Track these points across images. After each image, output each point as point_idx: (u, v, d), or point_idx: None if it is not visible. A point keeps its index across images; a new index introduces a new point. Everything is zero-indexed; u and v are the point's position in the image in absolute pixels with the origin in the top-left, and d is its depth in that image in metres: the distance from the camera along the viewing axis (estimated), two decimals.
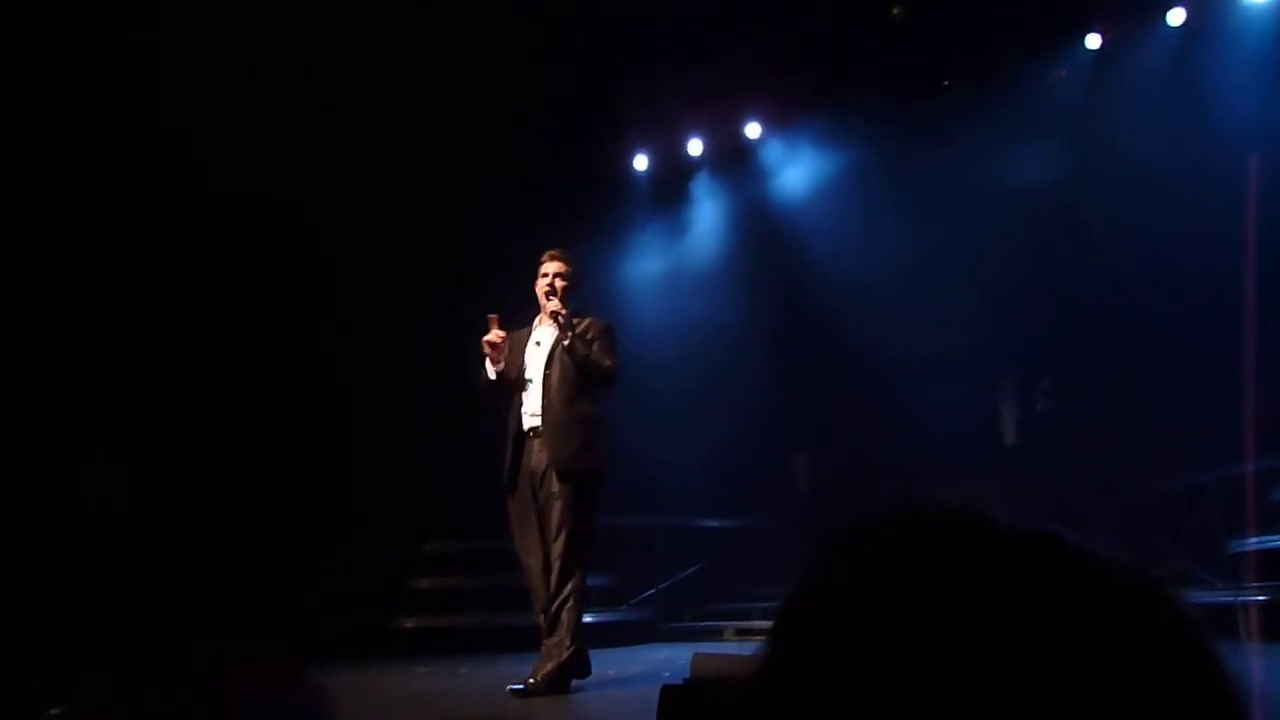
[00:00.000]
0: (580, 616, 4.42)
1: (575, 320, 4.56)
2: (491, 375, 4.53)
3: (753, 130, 10.10)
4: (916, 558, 0.52)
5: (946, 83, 9.53)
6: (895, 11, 9.05)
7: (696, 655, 1.87)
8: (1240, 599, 5.97)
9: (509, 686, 4.46)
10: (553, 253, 4.67)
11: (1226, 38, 8.24)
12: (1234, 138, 7.54)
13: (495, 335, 4.48)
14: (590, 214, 9.46)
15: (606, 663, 4.46)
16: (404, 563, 7.61)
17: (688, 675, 1.90)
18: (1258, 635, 5.72)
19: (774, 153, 10.24)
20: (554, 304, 4.50)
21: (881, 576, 0.53)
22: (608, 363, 4.52)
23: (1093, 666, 0.48)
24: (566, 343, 4.46)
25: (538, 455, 4.47)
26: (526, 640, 7.12)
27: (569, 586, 4.34)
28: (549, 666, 4.28)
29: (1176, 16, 8.51)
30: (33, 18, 6.33)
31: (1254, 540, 6.37)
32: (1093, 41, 8.93)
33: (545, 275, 4.60)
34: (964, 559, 0.51)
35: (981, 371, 9.98)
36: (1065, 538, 0.54)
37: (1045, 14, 8.76)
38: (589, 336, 4.55)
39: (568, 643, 4.31)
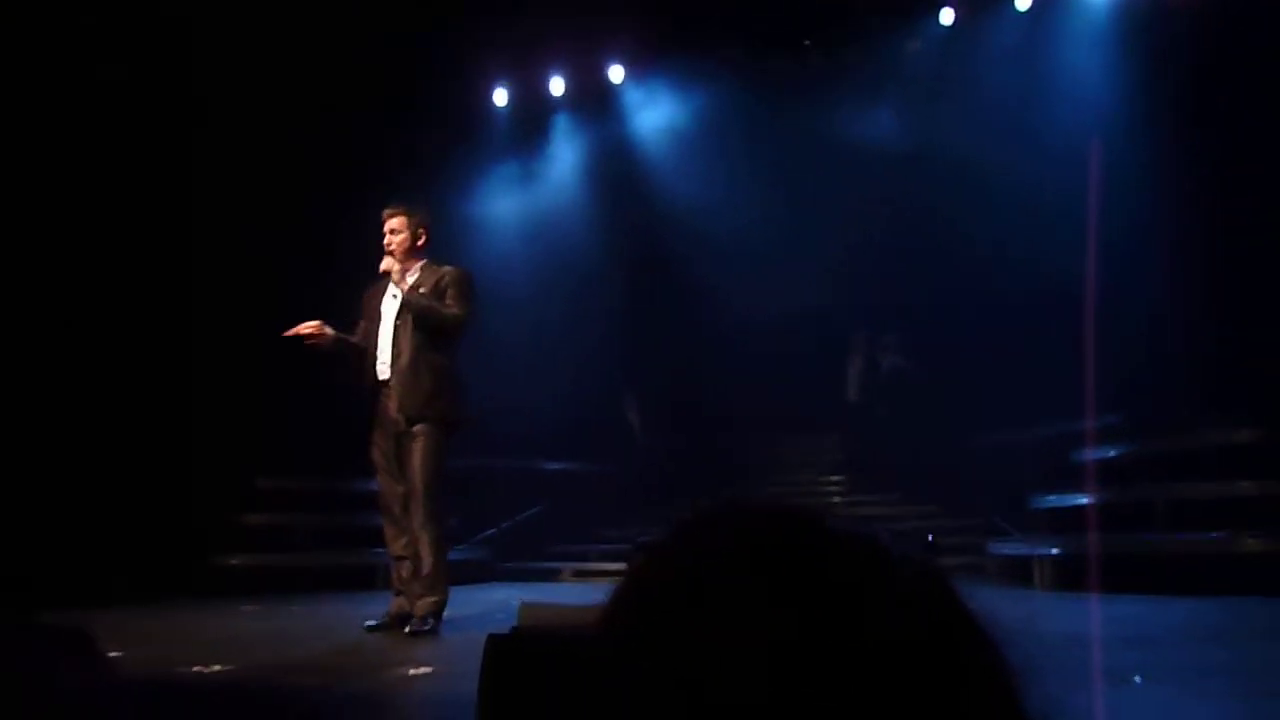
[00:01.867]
0: (446, 558, 4.55)
1: (434, 270, 4.64)
2: (330, 345, 4.65)
3: (615, 73, 10.00)
4: (752, 557, 0.55)
5: (807, 43, 9.69)
6: None
7: (523, 604, 1.88)
8: (1037, 551, 6.48)
9: (366, 623, 4.48)
10: (390, 209, 4.71)
11: (1069, 24, 8.71)
12: (1074, 116, 8.02)
13: (305, 328, 4.58)
14: (448, 149, 9.20)
15: (448, 601, 4.47)
16: (236, 497, 7.33)
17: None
18: (1050, 584, 6.25)
19: (634, 97, 10.19)
20: (385, 263, 4.57)
21: (720, 571, 0.55)
22: (452, 311, 4.55)
23: (878, 662, 0.52)
24: (399, 298, 4.56)
25: (391, 403, 4.54)
26: (358, 579, 7.06)
27: (430, 530, 4.45)
28: (425, 604, 4.38)
29: (1023, 1, 8.92)
30: None
31: (1052, 497, 6.91)
32: (946, 16, 9.26)
33: (387, 232, 4.68)
34: (796, 561, 0.55)
35: (828, 328, 10.36)
36: (878, 539, 0.58)
37: None
38: (442, 285, 4.59)
39: (441, 585, 4.45)
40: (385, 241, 4.63)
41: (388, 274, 4.68)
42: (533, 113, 10.23)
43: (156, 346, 6.96)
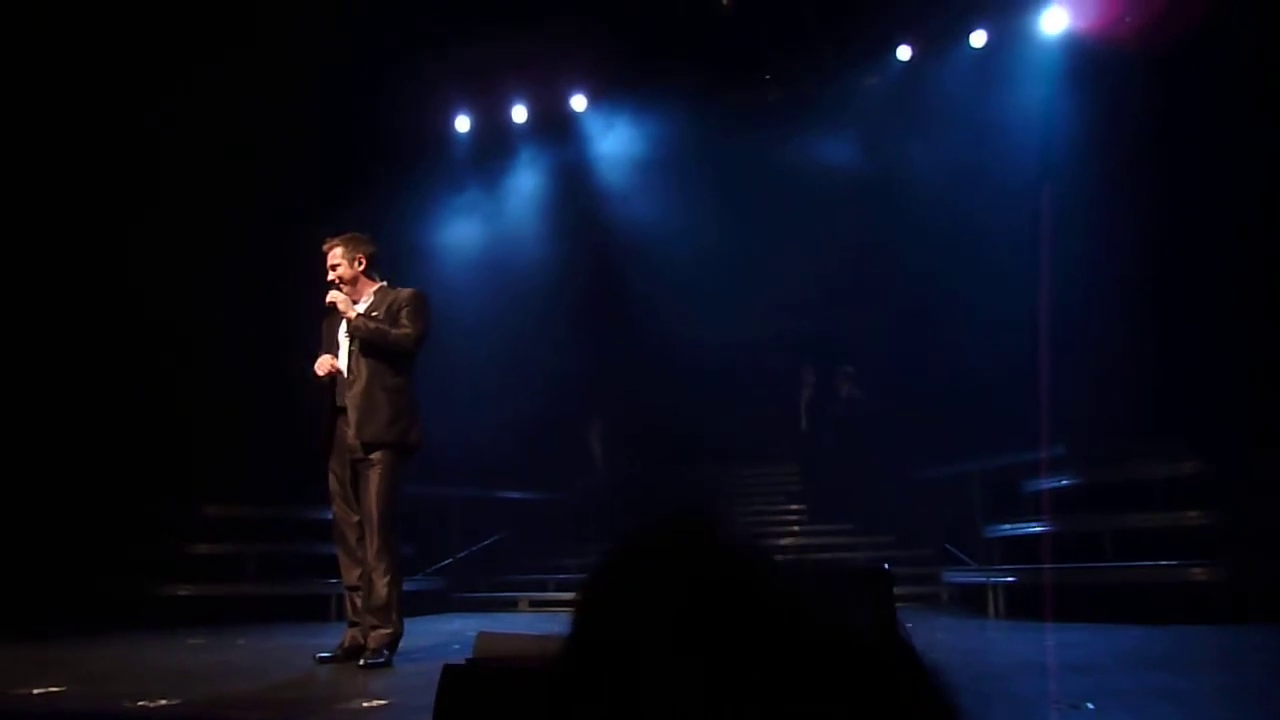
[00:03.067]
0: (400, 589, 4.48)
1: (388, 293, 4.65)
2: (317, 381, 4.66)
3: (577, 102, 10.08)
4: (693, 580, 0.58)
5: (767, 76, 9.84)
6: (725, 2, 9.23)
7: (481, 634, 1.86)
8: (991, 579, 6.55)
9: (318, 655, 4.40)
10: (327, 242, 4.72)
11: (1023, 62, 8.95)
12: (1026, 152, 8.22)
13: (326, 360, 4.60)
14: (411, 175, 9.18)
15: (403, 633, 4.40)
16: (183, 526, 7.17)
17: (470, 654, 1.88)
18: (1004, 613, 6.32)
19: (595, 126, 10.26)
20: (330, 295, 4.59)
21: (661, 589, 0.58)
22: (402, 331, 4.53)
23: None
24: (347, 326, 4.56)
25: (349, 431, 4.50)
26: (310, 610, 6.92)
27: (385, 560, 4.39)
28: (379, 636, 4.31)
29: (978, 38, 9.15)
30: None
31: (1006, 526, 7.00)
32: (904, 53, 9.46)
33: (329, 267, 4.69)
34: (733, 586, 0.57)
35: (787, 358, 10.44)
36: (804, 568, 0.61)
37: (863, 23, 9.19)
38: (395, 307, 4.58)
39: (395, 617, 4.38)
40: (329, 275, 4.64)
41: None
42: (495, 140, 10.26)
43: (102, 373, 6.83)
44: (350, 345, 4.58)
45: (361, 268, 4.67)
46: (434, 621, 6.82)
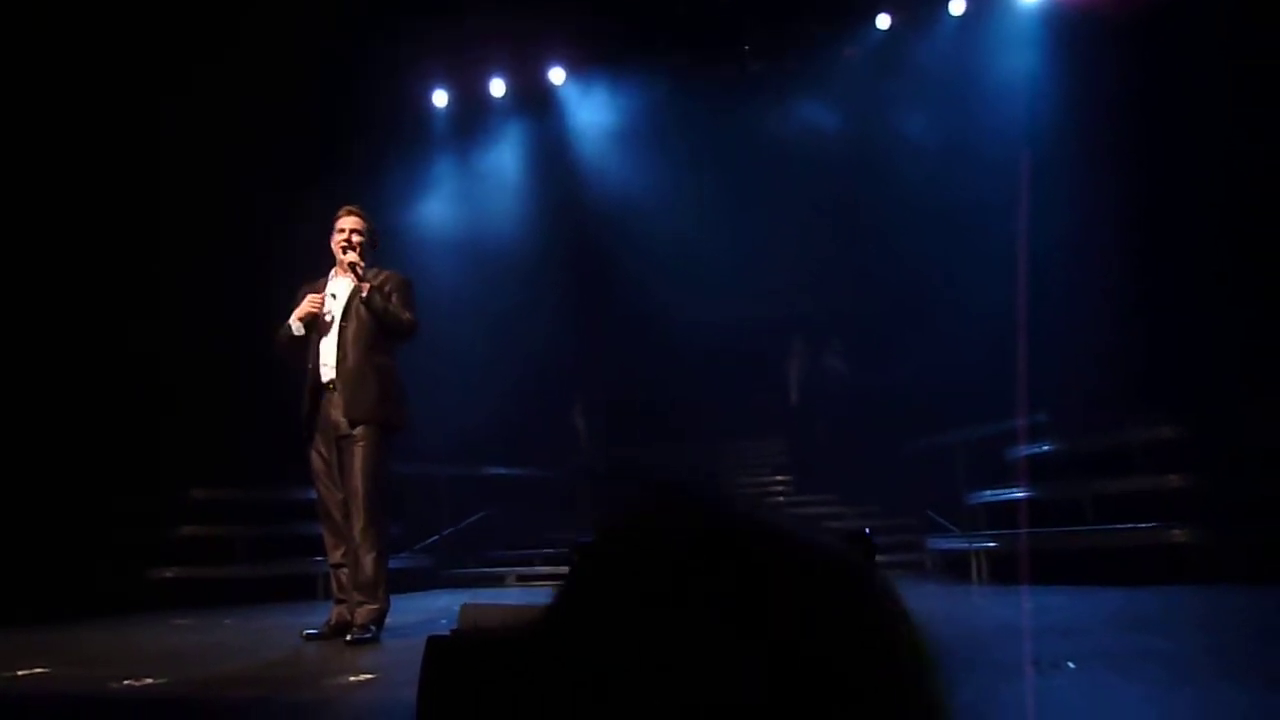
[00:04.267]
0: (387, 566, 4.46)
1: (373, 273, 4.56)
2: (297, 332, 4.52)
3: (556, 75, 9.99)
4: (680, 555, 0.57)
5: (747, 47, 9.77)
6: None
7: (465, 606, 1.85)
8: (974, 545, 6.61)
9: (305, 632, 4.39)
10: (349, 209, 4.64)
11: (1001, 28, 8.92)
12: (1006, 121, 8.21)
13: (318, 297, 4.51)
14: (388, 150, 9.10)
15: (389, 609, 4.41)
16: (169, 509, 7.15)
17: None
18: (987, 578, 6.38)
19: (575, 99, 10.18)
20: (351, 255, 4.49)
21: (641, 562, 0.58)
22: (407, 316, 4.51)
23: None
24: (364, 294, 4.45)
25: (336, 406, 4.44)
26: (297, 589, 6.92)
27: (372, 537, 4.35)
28: (366, 611, 4.29)
29: (957, 6, 9.12)
30: None
31: (989, 493, 7.06)
32: (883, 22, 9.42)
33: (342, 231, 4.58)
34: (723, 560, 0.56)
35: (770, 333, 10.45)
36: (798, 533, 0.60)
37: None
38: (386, 290, 4.53)
39: (382, 593, 4.36)
40: (343, 238, 4.55)
41: (324, 275, 4.61)
42: (473, 114, 10.16)
43: (88, 356, 6.76)
44: (342, 320, 4.49)
45: (373, 246, 4.63)
46: (422, 598, 6.84)
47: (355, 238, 4.55)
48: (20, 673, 3.34)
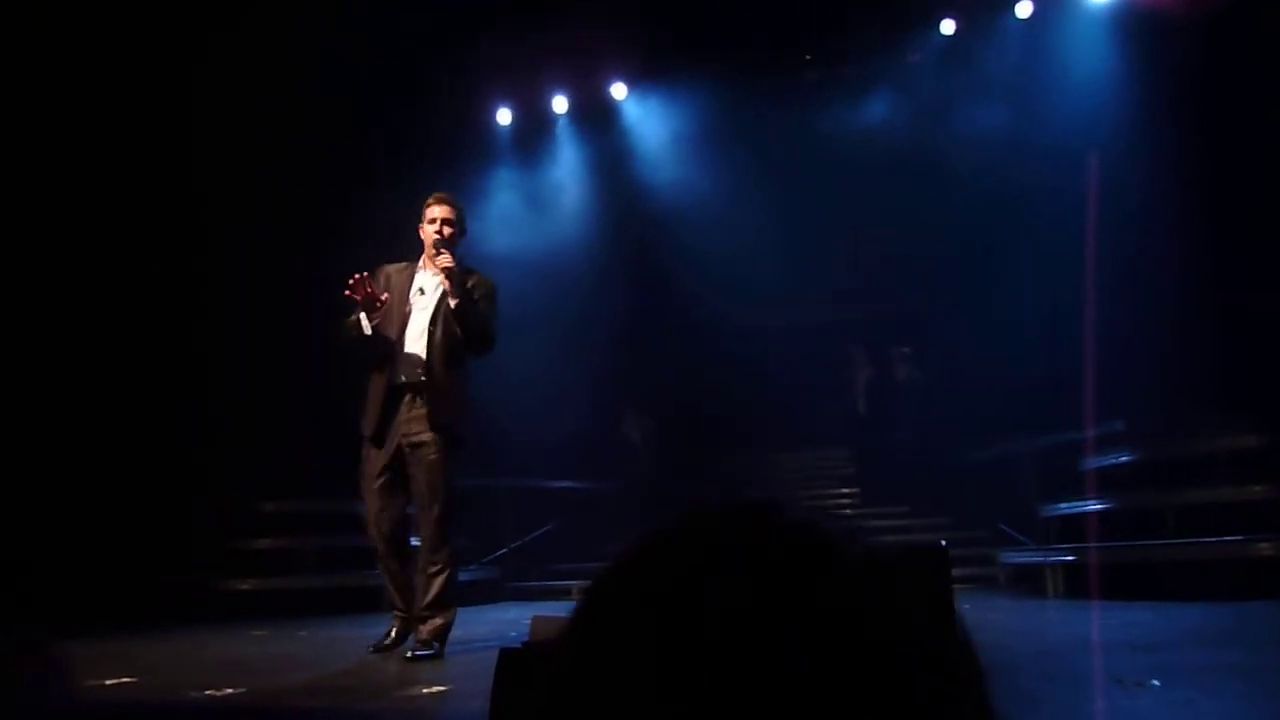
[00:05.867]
0: (456, 580, 4.29)
1: (461, 272, 4.21)
2: (367, 330, 4.16)
3: (617, 90, 10.07)
4: (709, 558, 0.56)
5: (808, 56, 9.73)
6: None
7: (536, 618, 1.86)
8: (1049, 559, 6.45)
9: (370, 646, 4.35)
10: (441, 195, 4.34)
11: (1070, 32, 8.75)
12: (1075, 124, 8.04)
13: (374, 290, 4.15)
14: (452, 167, 9.25)
15: (455, 622, 4.43)
16: (241, 522, 7.33)
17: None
18: (1062, 592, 6.22)
19: (635, 113, 10.24)
20: (445, 258, 4.12)
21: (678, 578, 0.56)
22: (491, 330, 4.23)
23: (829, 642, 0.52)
24: (455, 304, 4.14)
25: (414, 413, 4.17)
26: (364, 601, 7.03)
27: (444, 551, 4.19)
28: (432, 627, 4.16)
29: (1024, 9, 8.97)
30: None
31: (1063, 505, 6.88)
32: (947, 27, 9.31)
33: (434, 221, 4.26)
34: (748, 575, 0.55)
35: (831, 341, 10.36)
36: (833, 534, 0.58)
37: None
38: (475, 296, 4.24)
39: (449, 606, 4.22)
40: (435, 229, 4.21)
41: (407, 271, 4.34)
42: (536, 131, 10.29)
43: (162, 371, 6.97)
44: (430, 324, 4.18)
45: (463, 233, 4.33)
46: (489, 611, 6.90)
47: (447, 230, 4.22)
48: (109, 682, 3.45)
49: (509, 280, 9.19)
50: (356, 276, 4.11)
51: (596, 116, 10.27)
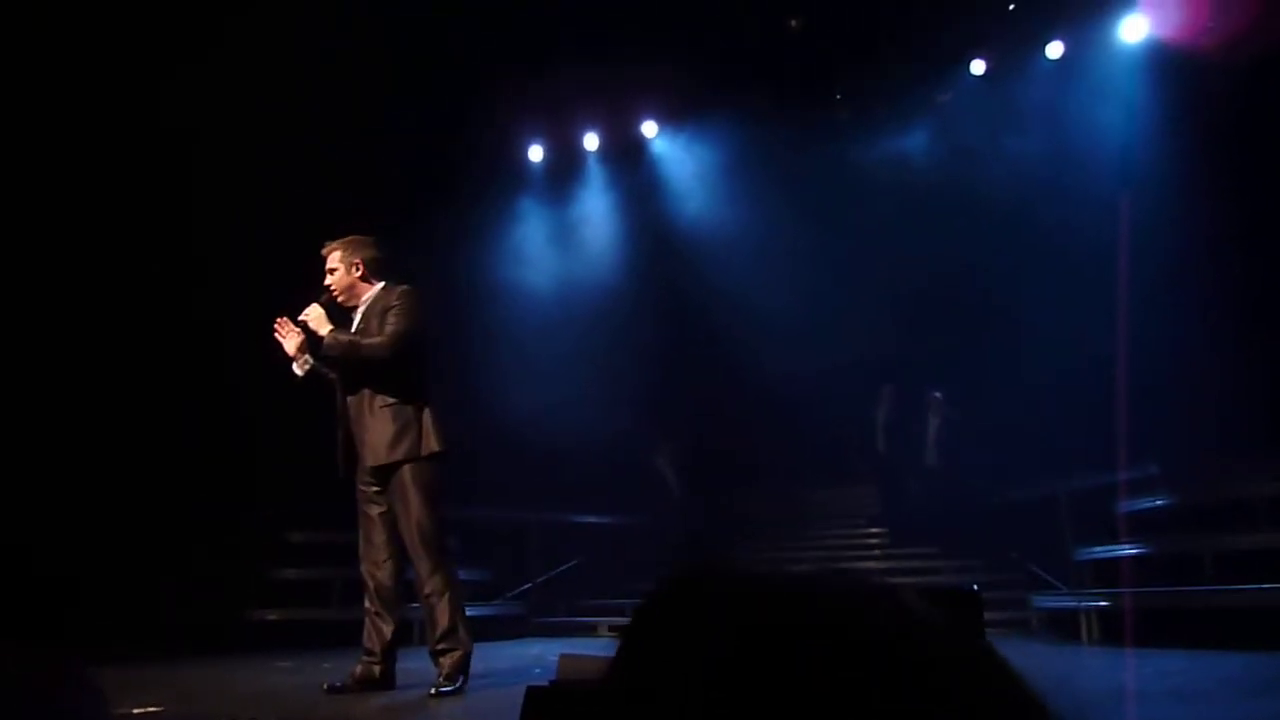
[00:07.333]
0: (462, 606, 4.21)
1: (387, 292, 4.33)
2: (299, 373, 4.34)
3: (648, 128, 10.17)
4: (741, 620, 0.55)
5: (838, 95, 9.79)
6: (793, 23, 9.25)
7: (563, 656, 1.87)
8: (1083, 604, 6.32)
9: (324, 684, 4.26)
10: (329, 245, 4.46)
11: (1100, 73, 8.74)
12: (1105, 165, 8.02)
13: (284, 330, 4.29)
14: (485, 204, 9.37)
15: (479, 658, 4.38)
16: (269, 552, 7.36)
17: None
18: (1097, 638, 6.09)
19: (667, 151, 10.34)
20: (306, 312, 4.27)
21: (708, 626, 0.56)
22: (372, 341, 4.17)
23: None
24: (307, 360, 4.30)
25: (365, 458, 4.27)
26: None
27: (440, 580, 4.14)
28: (450, 661, 4.11)
29: (1055, 50, 8.98)
30: None
31: (1098, 549, 6.76)
32: (977, 67, 9.33)
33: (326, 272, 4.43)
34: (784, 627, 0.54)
35: (862, 380, 10.29)
36: (859, 589, 0.58)
37: (935, 38, 9.10)
38: (384, 309, 4.28)
39: (463, 633, 4.15)
40: (325, 281, 4.36)
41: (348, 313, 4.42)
42: (567, 168, 10.41)
43: (191, 405, 7.05)
44: (334, 373, 4.32)
45: (359, 273, 4.37)
46: (514, 646, 6.86)
47: (331, 277, 4.35)
48: (136, 710, 3.47)
49: (541, 315, 9.36)
50: (278, 320, 4.26)
51: (628, 153, 10.37)
